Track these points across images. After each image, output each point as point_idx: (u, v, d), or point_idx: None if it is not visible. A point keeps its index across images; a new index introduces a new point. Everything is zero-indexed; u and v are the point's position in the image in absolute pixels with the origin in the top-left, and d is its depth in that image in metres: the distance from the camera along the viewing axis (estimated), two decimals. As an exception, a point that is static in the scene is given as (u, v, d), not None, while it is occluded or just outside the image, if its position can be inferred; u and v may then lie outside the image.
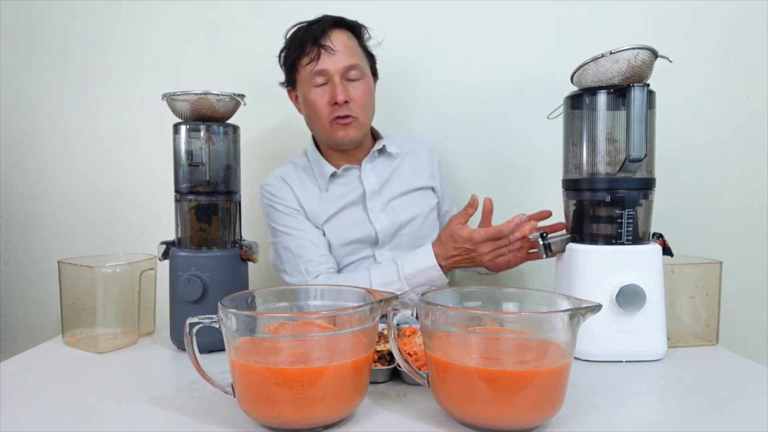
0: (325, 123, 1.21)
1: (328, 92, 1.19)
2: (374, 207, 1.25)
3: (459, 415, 0.65)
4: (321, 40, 1.18)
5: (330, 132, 1.21)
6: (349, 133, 1.21)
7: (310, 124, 1.26)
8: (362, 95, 1.21)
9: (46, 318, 1.60)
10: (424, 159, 1.33)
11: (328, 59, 1.18)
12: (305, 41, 1.19)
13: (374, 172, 1.28)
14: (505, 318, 0.70)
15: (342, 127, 1.20)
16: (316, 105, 1.20)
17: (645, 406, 0.73)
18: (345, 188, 1.27)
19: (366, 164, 1.28)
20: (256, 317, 0.66)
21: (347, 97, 1.18)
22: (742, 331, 1.39)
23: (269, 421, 0.64)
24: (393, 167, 1.30)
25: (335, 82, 1.18)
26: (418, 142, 1.36)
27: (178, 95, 0.96)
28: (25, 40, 1.56)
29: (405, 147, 1.33)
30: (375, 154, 1.29)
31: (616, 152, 0.93)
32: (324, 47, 1.18)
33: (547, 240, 0.98)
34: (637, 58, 0.88)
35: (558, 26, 1.46)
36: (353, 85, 1.20)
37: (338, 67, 1.18)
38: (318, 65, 1.18)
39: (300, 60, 1.21)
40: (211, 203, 0.98)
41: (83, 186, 1.57)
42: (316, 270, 1.19)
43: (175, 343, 0.98)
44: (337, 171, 1.26)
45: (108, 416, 0.70)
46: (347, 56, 1.19)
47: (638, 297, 0.88)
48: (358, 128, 1.22)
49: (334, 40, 1.19)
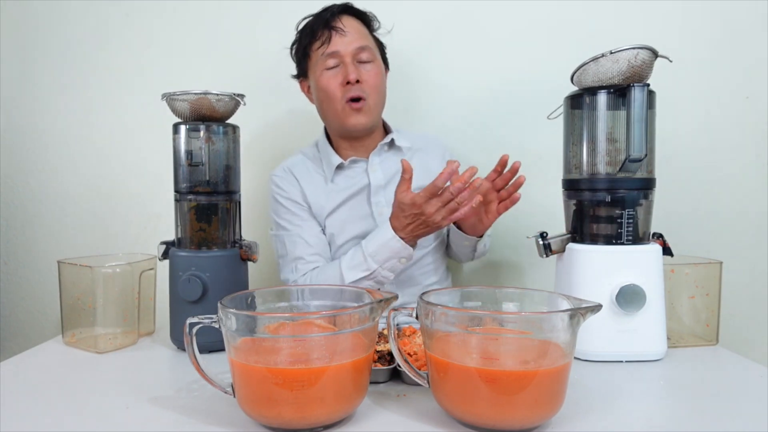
0: (337, 106, 1.20)
1: (340, 73, 1.19)
2: (379, 202, 1.24)
3: (459, 415, 0.65)
4: (331, 22, 1.19)
5: (342, 117, 1.21)
6: (360, 120, 1.21)
7: (322, 110, 1.26)
8: (374, 77, 1.21)
9: (46, 318, 1.60)
10: (436, 157, 1.32)
11: (339, 40, 1.19)
12: (316, 26, 1.21)
13: (382, 166, 1.27)
14: (505, 318, 0.70)
15: (353, 112, 1.20)
16: (328, 87, 1.20)
17: (645, 406, 0.73)
18: (350, 180, 1.26)
19: (374, 157, 1.27)
20: (256, 317, 0.66)
21: (359, 76, 1.18)
22: (742, 331, 1.39)
23: (269, 421, 0.64)
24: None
25: (347, 63, 1.18)
26: (431, 139, 1.36)
27: (177, 95, 0.96)
28: (25, 40, 1.56)
29: (417, 143, 1.32)
30: (384, 147, 1.28)
31: (616, 152, 0.93)
32: (335, 29, 1.19)
33: (547, 240, 0.98)
34: (637, 58, 0.88)
35: (558, 26, 1.46)
36: (365, 67, 1.21)
37: (349, 48, 1.19)
38: (330, 47, 1.19)
39: (312, 45, 1.22)
40: (210, 203, 0.98)
41: (83, 186, 1.57)
42: (305, 268, 1.19)
43: (175, 343, 0.98)
44: (344, 162, 1.26)
45: (108, 416, 0.70)
46: (358, 38, 1.20)
47: (638, 297, 0.88)
48: (369, 113, 1.22)
49: (344, 22, 1.20)
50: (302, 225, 1.23)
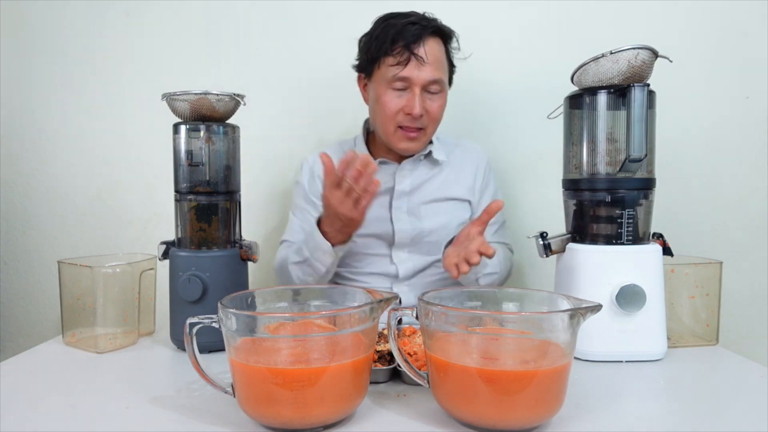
0: (390, 127, 1.18)
1: (405, 99, 1.15)
2: (400, 207, 1.23)
3: (459, 415, 0.65)
4: (414, 47, 1.13)
5: (393, 138, 1.19)
6: (412, 147, 1.19)
7: (374, 120, 1.23)
8: (438, 109, 1.18)
9: (46, 318, 1.60)
10: (470, 170, 1.29)
11: (415, 68, 1.13)
12: (396, 41, 1.13)
13: (412, 174, 1.25)
14: (505, 318, 0.70)
15: (406, 139, 1.18)
16: (388, 107, 1.16)
17: (645, 406, 0.73)
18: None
19: (406, 164, 1.25)
20: (256, 317, 0.66)
21: (423, 110, 1.15)
22: (742, 331, 1.39)
23: (269, 421, 0.64)
24: (433, 173, 1.26)
25: (415, 93, 1.14)
26: (472, 151, 1.32)
27: (178, 95, 0.96)
28: (25, 40, 1.56)
29: (454, 157, 1.29)
30: (420, 158, 1.26)
31: (616, 152, 0.93)
32: (415, 56, 1.13)
33: (547, 240, 0.98)
34: (637, 58, 0.88)
35: (558, 26, 1.46)
36: (431, 98, 1.17)
37: (423, 79, 1.14)
38: (404, 72, 1.13)
39: (385, 58, 1.15)
40: (211, 203, 0.98)
41: (83, 186, 1.57)
42: (288, 248, 1.21)
43: (175, 343, 0.98)
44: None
45: (108, 416, 0.70)
46: (434, 70, 1.15)
47: (638, 297, 0.88)
48: (423, 141, 1.20)
49: (427, 50, 1.14)
50: (305, 216, 1.26)
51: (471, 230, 1.04)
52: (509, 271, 1.28)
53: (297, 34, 1.52)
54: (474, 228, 1.03)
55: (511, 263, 1.30)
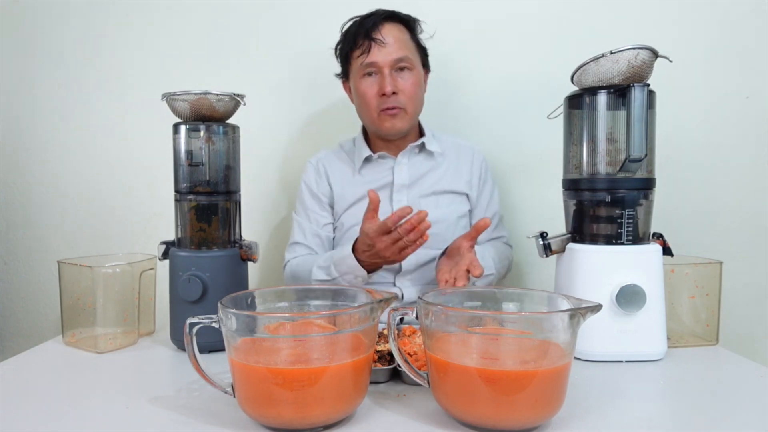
0: (373, 113, 1.24)
1: (377, 83, 1.23)
2: (400, 200, 1.27)
3: (459, 415, 0.65)
4: (372, 33, 1.21)
5: (378, 122, 1.25)
6: (396, 124, 1.24)
7: (360, 113, 1.30)
8: (411, 87, 1.24)
9: (46, 318, 1.60)
10: (466, 164, 1.33)
11: (378, 52, 1.21)
12: (357, 34, 1.23)
13: (409, 166, 1.30)
14: (505, 318, 0.70)
15: (389, 117, 1.24)
16: (365, 95, 1.24)
17: (645, 406, 0.73)
18: (377, 175, 1.30)
19: (402, 157, 1.30)
20: (256, 317, 0.66)
21: (395, 88, 1.21)
22: (742, 331, 1.39)
23: (269, 421, 0.64)
24: (430, 166, 1.31)
25: (384, 74, 1.21)
26: (466, 147, 1.36)
27: (177, 95, 0.96)
28: (24, 40, 1.56)
29: (449, 150, 1.34)
30: (414, 149, 1.31)
31: (616, 152, 0.93)
32: (375, 40, 1.21)
33: (547, 240, 0.98)
34: (637, 58, 0.88)
35: (558, 26, 1.46)
36: (402, 76, 1.23)
37: (388, 59, 1.21)
38: (368, 57, 1.21)
39: (352, 52, 1.25)
40: (210, 203, 0.98)
41: (83, 186, 1.57)
42: (296, 253, 1.27)
43: (175, 343, 0.98)
44: (372, 155, 1.30)
45: (108, 416, 0.70)
46: (397, 49, 1.22)
47: (638, 297, 0.88)
48: (405, 119, 1.25)
49: (384, 33, 1.22)
50: (312, 216, 1.30)
51: (462, 243, 1.10)
52: (508, 266, 1.34)
53: (297, 34, 1.52)
54: (465, 242, 1.10)
55: (510, 259, 1.35)
